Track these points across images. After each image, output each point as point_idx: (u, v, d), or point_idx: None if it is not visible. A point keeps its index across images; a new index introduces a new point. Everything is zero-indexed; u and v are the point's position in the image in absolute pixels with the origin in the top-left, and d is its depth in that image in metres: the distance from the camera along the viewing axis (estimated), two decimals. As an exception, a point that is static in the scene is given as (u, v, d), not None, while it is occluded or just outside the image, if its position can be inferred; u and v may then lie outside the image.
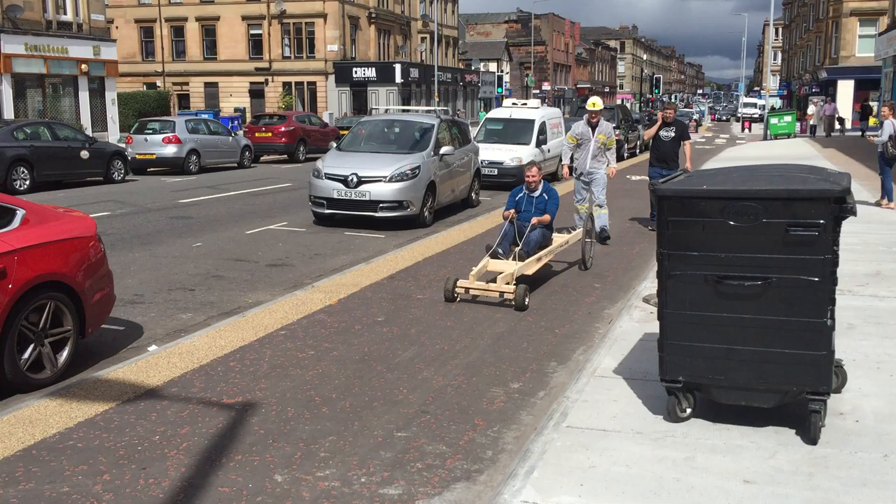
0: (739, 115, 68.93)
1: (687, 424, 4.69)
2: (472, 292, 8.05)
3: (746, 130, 54.55)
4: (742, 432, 4.56)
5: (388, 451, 4.60)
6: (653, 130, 12.67)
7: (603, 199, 11.52)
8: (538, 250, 8.81)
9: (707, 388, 4.66)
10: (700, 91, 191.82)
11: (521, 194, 9.27)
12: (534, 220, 8.83)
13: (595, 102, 11.65)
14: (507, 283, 7.97)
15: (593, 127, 11.44)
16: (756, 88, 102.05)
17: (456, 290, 8.02)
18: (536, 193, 9.21)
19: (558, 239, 9.48)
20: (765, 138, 41.16)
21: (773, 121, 41.98)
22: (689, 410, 4.74)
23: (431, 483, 4.23)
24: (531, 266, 8.56)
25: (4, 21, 29.28)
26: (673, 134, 12.35)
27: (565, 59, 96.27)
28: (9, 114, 28.98)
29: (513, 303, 7.81)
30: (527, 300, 7.79)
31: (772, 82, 73.20)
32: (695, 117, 66.69)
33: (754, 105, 71.79)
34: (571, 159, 11.68)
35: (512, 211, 9.05)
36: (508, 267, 8.24)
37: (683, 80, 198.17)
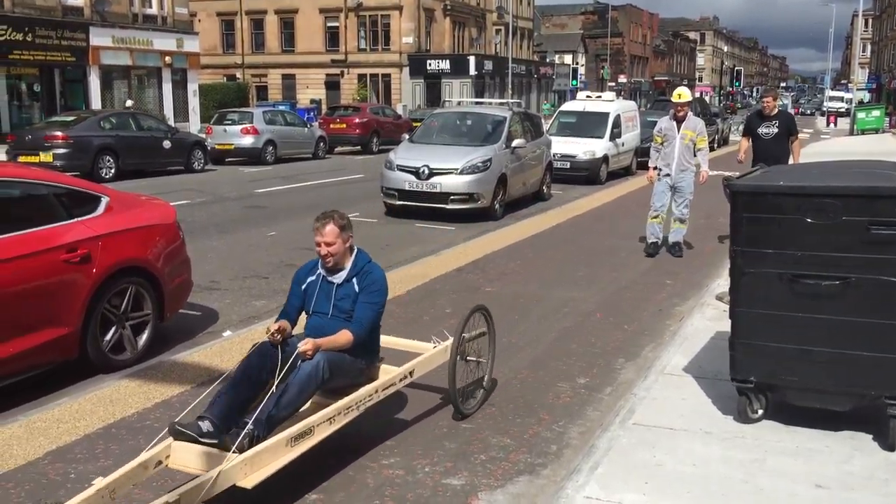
0: (825, 108, 66.68)
1: (757, 426, 4.58)
2: None
3: (832, 125, 52.72)
4: (815, 436, 4.43)
5: (452, 442, 4.63)
6: (746, 143, 10.59)
7: (685, 213, 10.03)
8: (316, 410, 4.19)
9: (780, 389, 4.54)
10: (783, 84, 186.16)
11: (314, 277, 4.62)
12: (303, 345, 4.13)
13: (682, 93, 10.03)
14: None
15: (679, 122, 9.90)
16: (843, 81, 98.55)
17: None
18: (339, 278, 4.56)
19: (390, 371, 4.74)
20: (851, 133, 39.74)
21: (861, 115, 40.51)
22: (760, 412, 4.63)
23: (495, 475, 4.24)
24: (262, 460, 3.74)
25: (93, 14, 30.39)
26: (776, 130, 10.03)
27: (642, 51, 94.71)
28: (96, 104, 30.10)
29: None
30: None
31: (860, 75, 70.45)
32: (777, 111, 64.63)
33: (841, 99, 69.39)
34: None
35: (280, 325, 4.31)
36: (209, 463, 3.66)
37: (766, 72, 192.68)
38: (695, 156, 10.08)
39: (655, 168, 10.11)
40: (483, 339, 5.25)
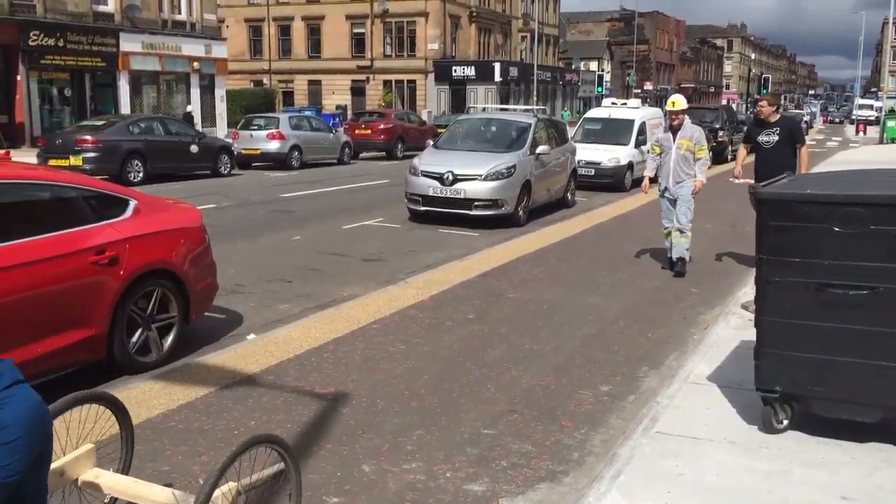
0: (854, 117, 65.97)
1: (783, 436, 4.54)
2: None
3: (861, 133, 52.08)
4: (842, 447, 4.38)
5: (474, 448, 4.63)
6: (744, 152, 9.91)
7: (685, 223, 9.33)
8: None
9: (805, 399, 4.49)
10: (812, 92, 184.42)
11: None
12: None
13: (675, 101, 9.49)
14: None
15: (675, 131, 9.40)
16: (873, 90, 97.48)
17: None
18: None
19: None
20: (881, 142, 39.21)
21: (891, 124, 39.93)
22: (785, 422, 4.58)
23: (516, 482, 4.23)
24: None
25: (124, 20, 30.80)
26: (777, 138, 9.10)
27: (669, 58, 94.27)
28: (125, 108, 30.47)
29: None
30: None
31: (890, 83, 69.69)
32: (805, 119, 64.23)
33: (870, 107, 68.65)
34: (656, 172, 9.62)
35: None
36: None
37: (794, 80, 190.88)
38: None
39: (652, 180, 9.68)
40: (275, 485, 3.49)
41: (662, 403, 5.09)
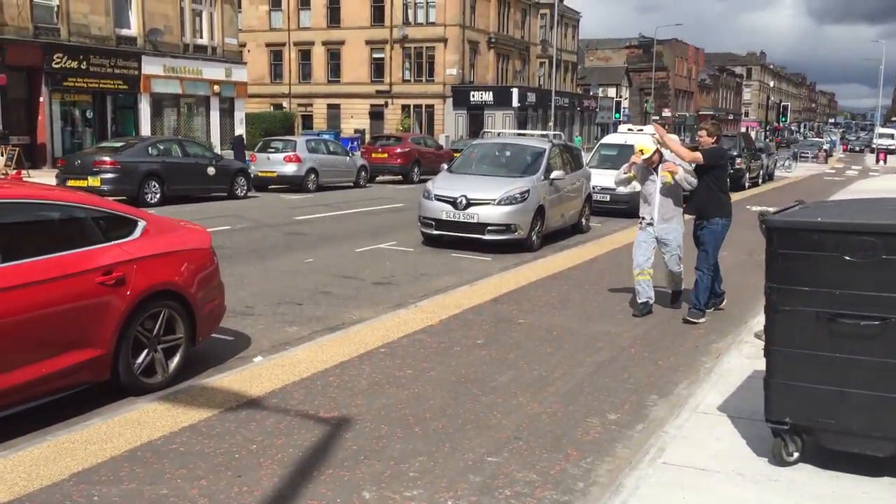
0: (874, 145, 65.63)
1: (793, 469, 4.43)
2: None
3: (881, 162, 51.78)
4: (853, 481, 4.27)
5: (477, 476, 4.56)
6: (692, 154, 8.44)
7: (678, 269, 8.75)
8: None
9: (816, 431, 4.40)
10: (831, 120, 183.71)
11: None
12: None
13: (643, 149, 8.53)
14: None
15: (656, 168, 8.57)
16: (893, 119, 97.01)
17: None
18: None
19: None
20: (901, 170, 38.93)
21: (911, 152, 39.75)
22: (795, 454, 4.48)
23: (518, 511, 4.16)
24: None
25: (146, 44, 31.21)
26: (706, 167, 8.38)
27: (687, 86, 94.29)
28: (146, 131, 30.80)
29: None
30: None
31: (911, 112, 69.32)
32: (824, 147, 64.05)
33: (891, 136, 68.41)
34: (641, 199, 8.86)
35: None
36: None
37: (814, 108, 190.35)
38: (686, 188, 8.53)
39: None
40: None
41: (670, 433, 5.00)
